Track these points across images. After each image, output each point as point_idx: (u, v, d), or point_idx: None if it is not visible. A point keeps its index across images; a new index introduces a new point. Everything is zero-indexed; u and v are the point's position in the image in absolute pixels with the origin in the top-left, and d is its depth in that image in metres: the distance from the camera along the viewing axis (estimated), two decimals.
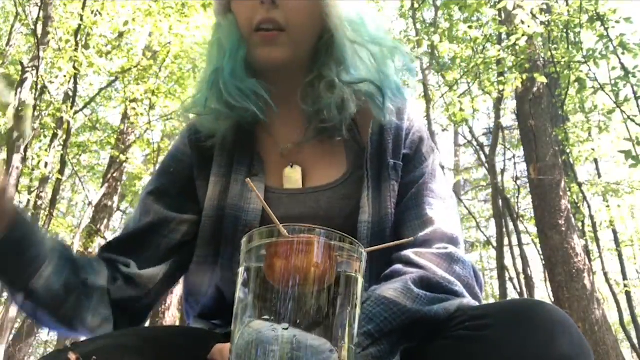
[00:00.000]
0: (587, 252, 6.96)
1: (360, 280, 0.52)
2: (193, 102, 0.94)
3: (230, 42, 0.88)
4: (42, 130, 6.58)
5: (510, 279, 8.41)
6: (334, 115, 0.87)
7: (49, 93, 6.36)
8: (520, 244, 7.93)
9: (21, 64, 6.17)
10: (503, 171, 8.78)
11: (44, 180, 6.90)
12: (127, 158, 7.35)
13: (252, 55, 0.87)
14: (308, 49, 0.89)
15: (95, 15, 6.07)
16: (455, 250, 0.80)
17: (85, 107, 7.91)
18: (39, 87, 5.81)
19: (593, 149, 6.69)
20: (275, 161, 0.92)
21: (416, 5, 7.89)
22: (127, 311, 0.85)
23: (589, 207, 7.77)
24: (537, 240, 7.10)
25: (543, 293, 8.35)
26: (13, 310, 5.53)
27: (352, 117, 0.90)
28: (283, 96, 0.90)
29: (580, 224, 7.54)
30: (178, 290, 5.87)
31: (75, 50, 5.56)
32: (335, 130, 0.89)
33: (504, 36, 6.12)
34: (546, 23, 5.36)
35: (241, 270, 0.53)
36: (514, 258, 8.40)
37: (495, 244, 7.62)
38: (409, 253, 0.79)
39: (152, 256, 0.88)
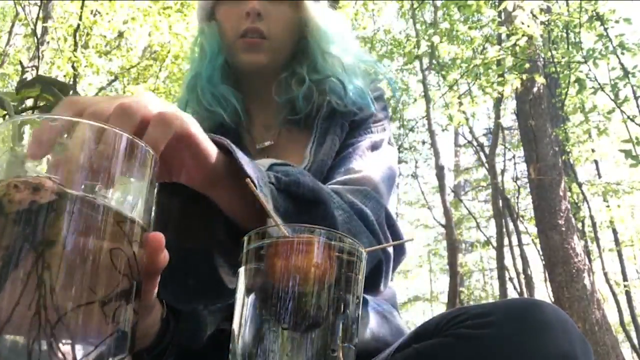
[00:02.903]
0: (587, 252, 6.98)
1: (360, 281, 0.52)
2: (178, 104, 1.01)
3: (210, 49, 0.97)
4: None
5: (510, 279, 8.43)
6: (302, 105, 0.95)
7: None
8: (520, 244, 7.95)
9: (21, 64, 6.17)
10: (503, 171, 8.80)
11: None
12: None
13: (235, 59, 0.96)
14: (286, 53, 0.99)
15: (95, 15, 6.07)
16: (371, 190, 0.82)
17: None
18: None
19: (593, 150, 6.70)
20: (255, 158, 0.95)
21: (415, 5, 7.90)
22: None
23: (589, 207, 7.79)
24: (537, 240, 7.11)
25: (543, 293, 8.37)
26: None
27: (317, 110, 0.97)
28: (260, 95, 0.99)
29: (580, 224, 7.56)
30: None
31: (75, 50, 5.56)
32: (303, 122, 0.96)
33: (503, 37, 6.13)
34: (546, 23, 5.37)
35: (241, 270, 0.52)
36: (514, 258, 8.42)
37: (495, 244, 7.64)
38: None
39: None
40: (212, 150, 0.57)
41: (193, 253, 0.64)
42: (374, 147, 0.94)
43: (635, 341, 7.06)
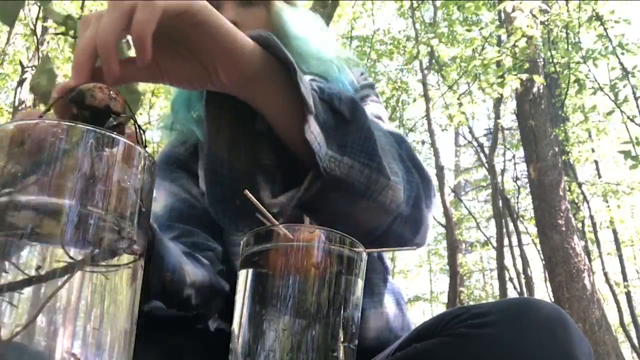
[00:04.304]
0: (587, 252, 6.98)
1: (360, 281, 0.52)
2: (165, 122, 1.03)
3: None
4: None
5: (510, 279, 8.42)
6: None
7: None
8: (520, 244, 7.94)
9: (21, 63, 6.17)
10: (503, 171, 8.80)
11: None
12: None
13: None
14: None
15: None
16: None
17: None
18: None
19: (593, 149, 6.70)
20: None
21: (415, 5, 7.90)
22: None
23: (589, 207, 7.79)
24: (537, 240, 7.11)
25: (543, 293, 8.37)
26: None
27: None
28: None
29: (580, 224, 7.56)
30: None
31: (74, 50, 5.55)
32: None
33: (503, 37, 6.13)
34: (545, 23, 5.37)
35: (241, 271, 0.52)
36: (514, 258, 8.42)
37: (495, 244, 7.63)
38: None
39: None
40: (242, 39, 0.56)
41: (240, 173, 0.64)
42: (378, 117, 0.92)
43: (635, 341, 7.05)
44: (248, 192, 0.55)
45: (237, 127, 0.63)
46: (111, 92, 0.43)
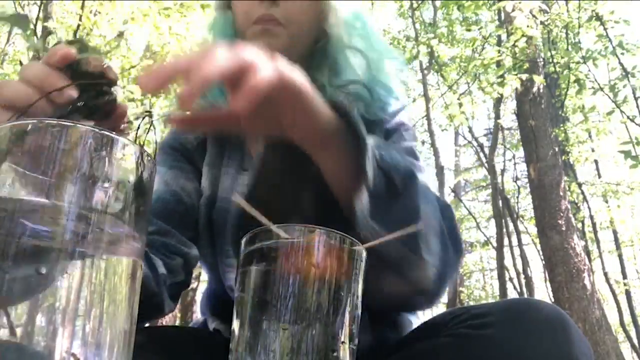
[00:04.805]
0: (587, 252, 6.98)
1: (360, 281, 0.52)
2: None
3: (222, 40, 0.88)
4: None
5: (510, 279, 8.43)
6: None
7: None
8: (520, 244, 7.95)
9: (21, 63, 6.16)
10: (503, 171, 8.80)
11: None
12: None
13: None
14: (304, 48, 0.88)
15: (95, 15, 6.06)
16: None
17: None
18: None
19: (593, 149, 6.71)
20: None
21: (415, 5, 7.90)
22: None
23: (589, 207, 7.79)
24: (537, 240, 7.11)
25: (543, 293, 8.38)
26: None
27: None
28: None
29: (580, 224, 7.56)
30: None
31: None
32: None
33: (503, 37, 6.13)
34: (545, 23, 5.37)
35: (240, 271, 0.52)
36: (514, 258, 8.42)
37: (495, 244, 7.63)
38: None
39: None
40: (322, 106, 0.57)
41: (275, 212, 0.63)
42: (411, 153, 0.86)
43: (635, 341, 7.06)
44: (238, 196, 0.54)
45: (288, 173, 0.63)
46: (105, 63, 0.48)
